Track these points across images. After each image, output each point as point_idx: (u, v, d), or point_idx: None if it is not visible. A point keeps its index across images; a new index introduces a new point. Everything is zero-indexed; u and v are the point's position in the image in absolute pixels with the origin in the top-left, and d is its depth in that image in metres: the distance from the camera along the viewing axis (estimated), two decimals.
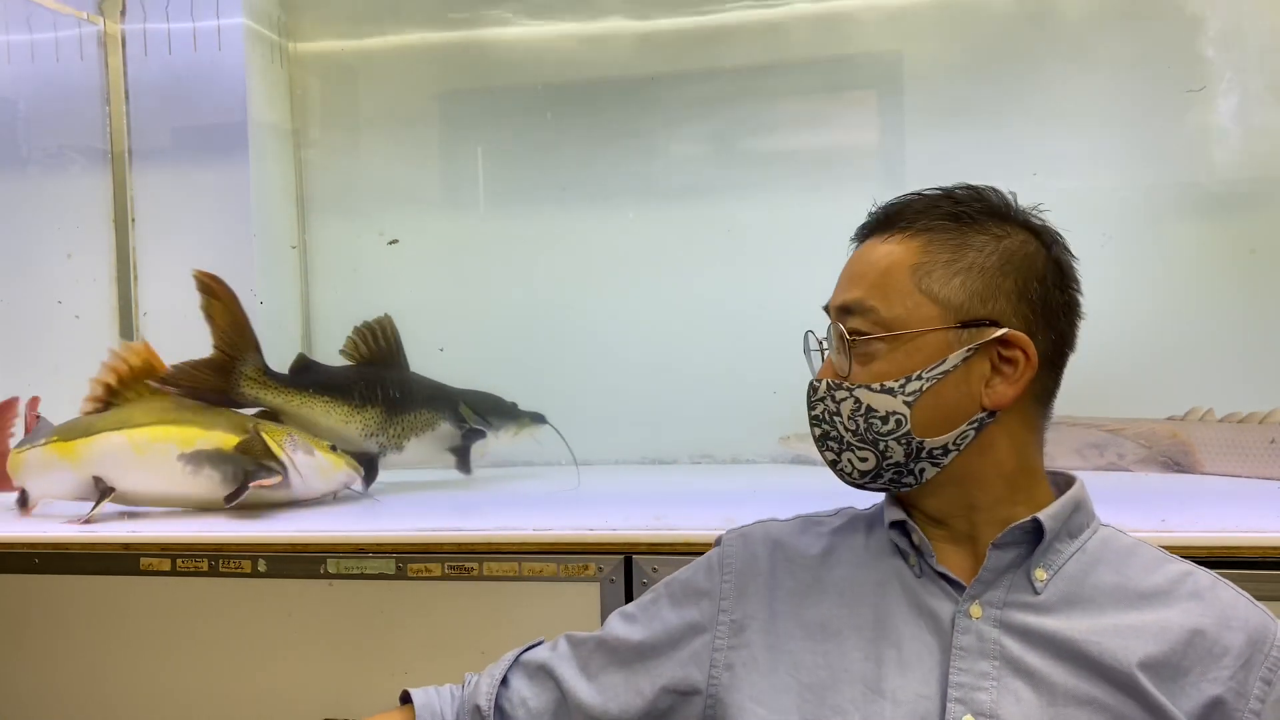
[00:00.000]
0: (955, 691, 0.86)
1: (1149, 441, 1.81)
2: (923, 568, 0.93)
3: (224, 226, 2.11)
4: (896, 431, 0.90)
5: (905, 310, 0.90)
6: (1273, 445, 1.73)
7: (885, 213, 0.95)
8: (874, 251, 0.93)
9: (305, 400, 1.78)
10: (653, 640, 1.00)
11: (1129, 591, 0.89)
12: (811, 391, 0.96)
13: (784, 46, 2.11)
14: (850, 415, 0.92)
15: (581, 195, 2.19)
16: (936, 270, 0.90)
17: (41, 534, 1.48)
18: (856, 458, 0.93)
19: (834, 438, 0.94)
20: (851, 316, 0.92)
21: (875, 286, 0.91)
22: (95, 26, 2.15)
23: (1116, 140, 1.97)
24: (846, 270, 0.96)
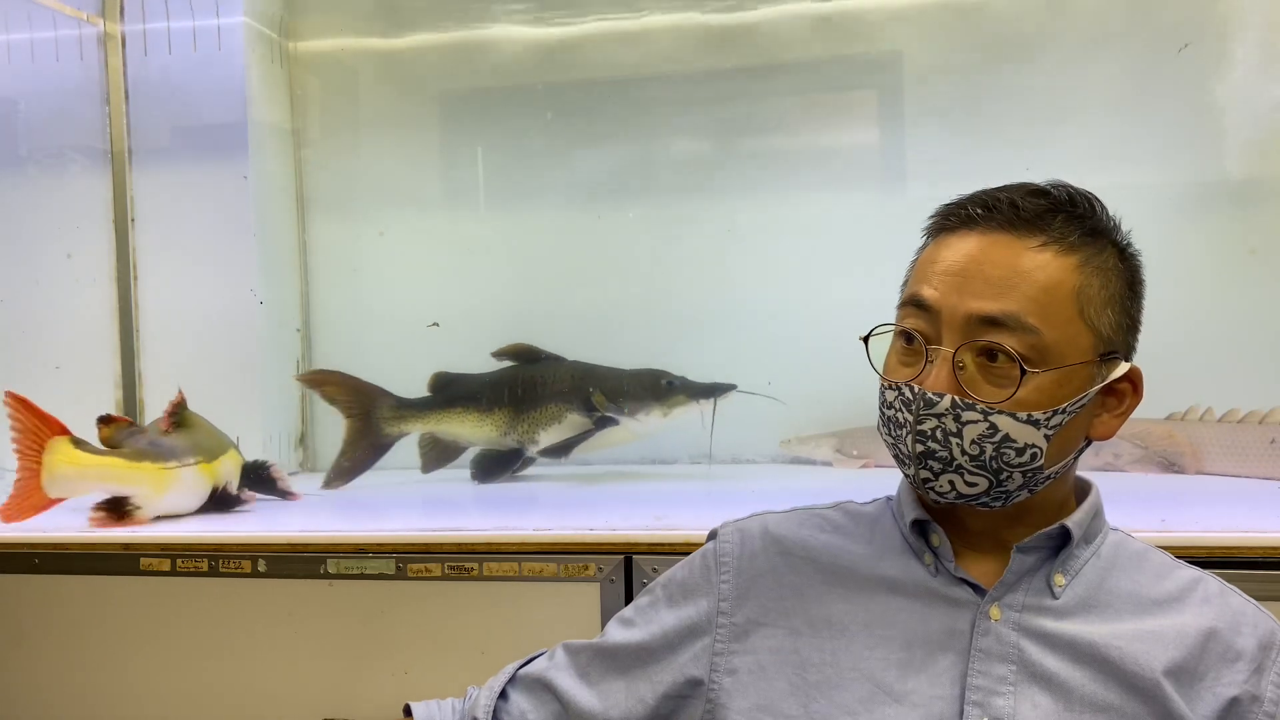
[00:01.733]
0: (973, 694, 0.85)
1: (1146, 442, 1.81)
2: (939, 567, 0.91)
3: (224, 226, 2.10)
4: (1029, 465, 0.85)
5: (1066, 338, 0.83)
6: (1273, 445, 1.73)
7: (1019, 210, 0.85)
8: (1021, 259, 0.84)
9: (443, 416, 1.95)
10: (651, 644, 0.98)
11: (1143, 598, 0.88)
12: (921, 403, 0.85)
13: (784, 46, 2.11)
14: (976, 440, 0.84)
15: (581, 195, 2.19)
16: (1094, 297, 0.85)
17: (41, 534, 1.48)
18: (964, 481, 0.86)
19: (940, 458, 0.85)
20: (1000, 330, 0.83)
21: (1035, 303, 0.83)
22: (95, 28, 2.15)
23: (1117, 140, 1.98)
24: (974, 269, 0.84)
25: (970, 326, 0.83)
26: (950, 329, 0.84)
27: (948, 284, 0.85)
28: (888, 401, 0.89)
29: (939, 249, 0.88)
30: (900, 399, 0.87)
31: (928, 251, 0.90)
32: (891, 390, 0.88)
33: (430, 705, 1.04)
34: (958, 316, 0.84)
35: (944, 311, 0.85)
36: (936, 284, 0.86)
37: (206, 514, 1.63)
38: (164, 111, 2.12)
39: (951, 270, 0.85)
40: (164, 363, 2.14)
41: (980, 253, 0.85)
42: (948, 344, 0.84)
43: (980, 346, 0.83)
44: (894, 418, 0.88)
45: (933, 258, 0.88)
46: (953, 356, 0.84)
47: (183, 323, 2.13)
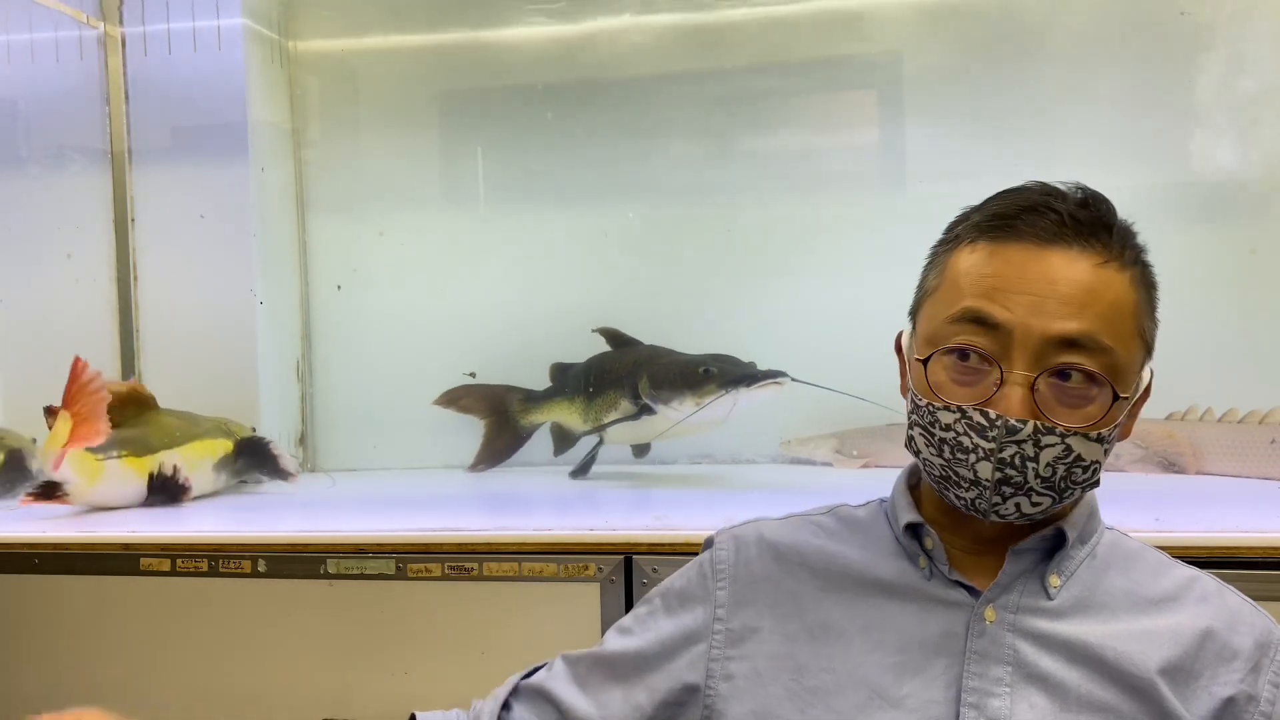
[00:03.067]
0: (969, 696, 0.84)
1: (1146, 442, 1.81)
2: (933, 570, 0.91)
3: (224, 226, 2.10)
4: (1090, 479, 0.85)
5: (1129, 354, 0.83)
6: (1273, 445, 1.73)
7: (1078, 223, 0.83)
8: (1090, 277, 0.82)
9: (555, 405, 2.02)
10: (648, 652, 0.97)
11: (1139, 597, 0.88)
12: (1002, 430, 0.81)
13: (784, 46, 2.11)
14: (1050, 463, 0.82)
15: (581, 195, 2.19)
16: (1145, 311, 0.85)
17: (41, 534, 1.48)
18: (1030, 502, 0.84)
19: (1015, 483, 0.83)
20: (1077, 352, 0.81)
21: (1107, 322, 0.82)
22: (95, 29, 2.15)
23: (1117, 139, 1.98)
24: (1045, 286, 0.81)
25: (1048, 348, 0.81)
26: (1024, 349, 0.81)
27: (1018, 302, 0.81)
28: (944, 424, 0.84)
29: (992, 261, 0.84)
30: (968, 423, 0.83)
31: (970, 261, 0.86)
32: (951, 413, 0.84)
33: (435, 716, 1.02)
34: (1034, 337, 0.81)
35: (1017, 331, 0.81)
36: (1003, 300, 0.82)
37: (151, 505, 1.68)
38: (164, 111, 2.12)
39: (1017, 286, 0.82)
40: (164, 363, 2.14)
41: (1046, 269, 0.82)
42: (1022, 365, 0.81)
43: (1058, 368, 0.81)
44: (956, 442, 0.84)
45: (983, 269, 0.84)
46: (1033, 382, 0.81)
47: (183, 323, 2.13)
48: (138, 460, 1.68)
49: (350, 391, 2.26)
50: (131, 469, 1.67)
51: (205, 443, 1.79)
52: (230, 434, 1.85)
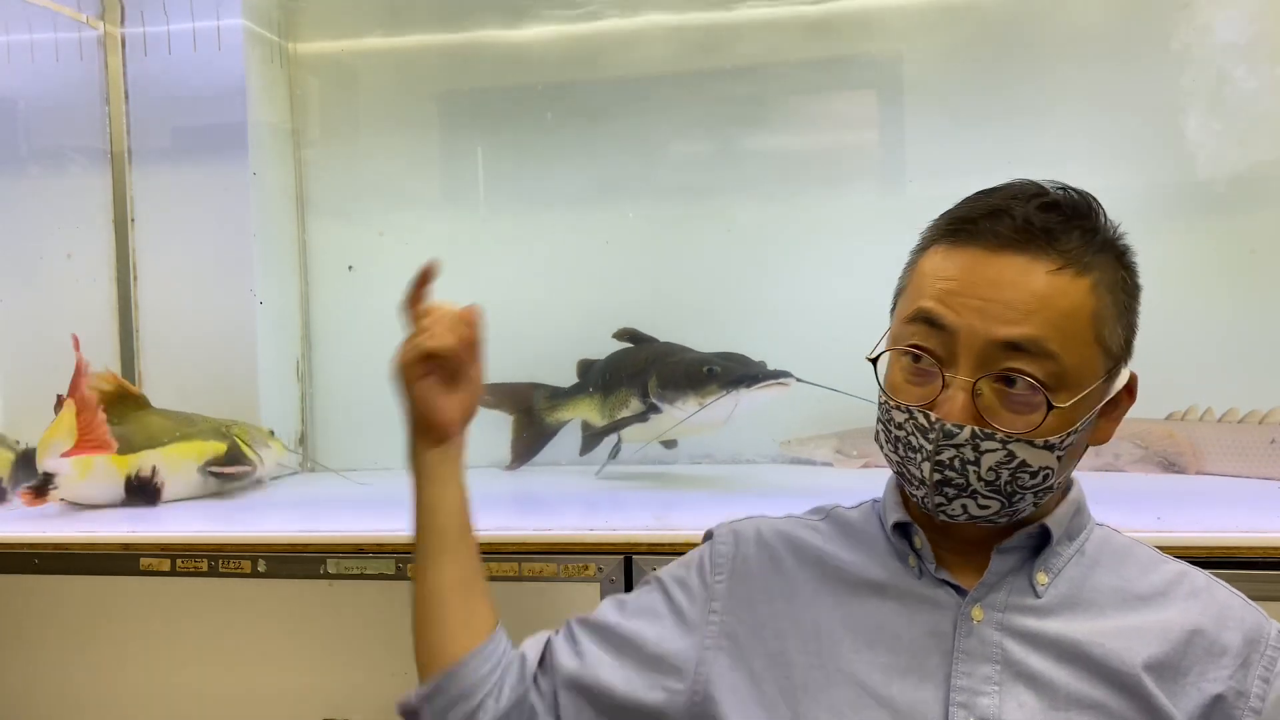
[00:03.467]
0: (958, 695, 0.85)
1: (1145, 442, 1.81)
2: (922, 570, 0.91)
3: (224, 226, 2.10)
4: (1041, 485, 0.85)
5: (1082, 361, 0.82)
6: (1273, 445, 1.73)
7: (1032, 226, 0.82)
8: (1040, 283, 0.81)
9: (581, 401, 2.01)
10: (643, 638, 0.98)
11: (1128, 593, 0.88)
12: (940, 434, 0.83)
13: (784, 46, 2.11)
14: (993, 467, 0.83)
15: (581, 195, 2.19)
16: (1107, 317, 0.84)
17: (41, 534, 1.48)
18: (977, 505, 0.85)
19: (956, 485, 0.84)
20: (1021, 356, 0.81)
21: (1056, 329, 0.81)
22: (95, 30, 2.15)
23: (1117, 139, 1.98)
24: (991, 290, 0.81)
25: (990, 351, 0.81)
26: (968, 353, 0.82)
27: (967, 306, 0.82)
28: (897, 422, 0.87)
29: (946, 262, 0.85)
30: (914, 424, 0.85)
31: (932, 262, 0.87)
32: (901, 412, 0.86)
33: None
34: (977, 341, 0.82)
35: (962, 333, 0.82)
36: (952, 304, 0.83)
37: (128, 506, 1.69)
38: (164, 112, 2.12)
39: (968, 290, 0.82)
40: (164, 363, 2.14)
41: (998, 274, 0.82)
42: (965, 370, 0.82)
43: (1001, 373, 0.81)
44: (906, 440, 0.86)
45: (941, 272, 0.85)
46: (973, 385, 0.82)
47: (183, 323, 2.13)
48: (120, 459, 1.69)
49: (350, 391, 2.26)
50: (114, 467, 1.69)
51: (194, 444, 1.79)
52: (225, 436, 1.85)
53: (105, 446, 1.64)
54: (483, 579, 1.04)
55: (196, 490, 1.80)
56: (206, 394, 2.04)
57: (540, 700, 1.00)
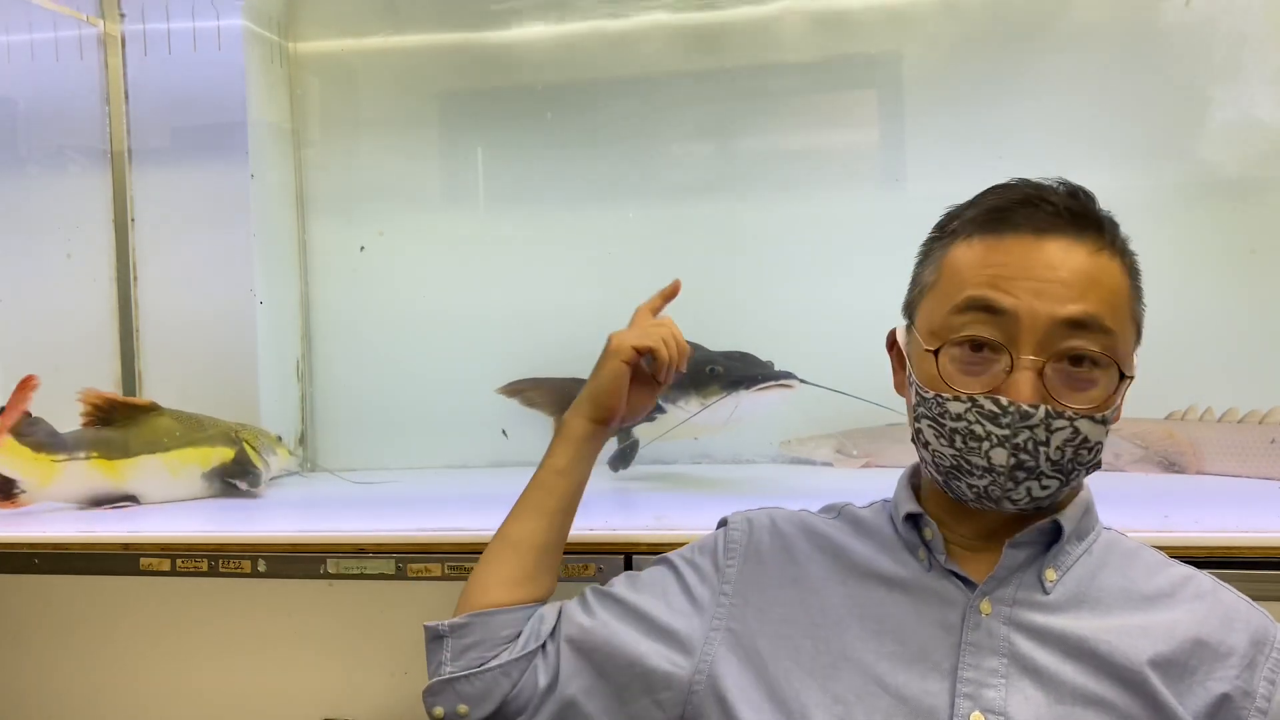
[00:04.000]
0: (964, 687, 0.86)
1: (1145, 441, 1.81)
2: (932, 562, 0.92)
3: (224, 226, 2.10)
4: (1092, 460, 0.88)
5: (1127, 337, 0.87)
6: (1273, 445, 1.73)
7: (1072, 213, 0.86)
8: (1089, 263, 0.85)
9: None
10: (652, 612, 1.01)
11: (1134, 593, 0.89)
12: (1016, 415, 0.84)
13: (784, 46, 2.11)
14: (1060, 446, 0.85)
15: (581, 195, 2.19)
16: (1137, 298, 0.89)
17: (41, 534, 1.48)
18: (1039, 485, 0.86)
19: (1029, 467, 0.85)
20: (1084, 334, 0.84)
21: (1109, 306, 0.85)
22: (95, 29, 2.15)
23: (1117, 137, 1.98)
24: (1046, 271, 0.84)
25: (1055, 332, 0.83)
26: (1031, 334, 0.83)
27: (1024, 288, 0.84)
28: (954, 414, 0.86)
29: (993, 252, 0.86)
30: (980, 412, 0.85)
31: (970, 254, 0.88)
32: (961, 403, 0.86)
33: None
34: (1040, 322, 0.83)
35: (1024, 317, 0.84)
36: (1008, 288, 0.84)
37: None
38: (164, 111, 2.12)
39: (1022, 274, 0.84)
40: (164, 363, 2.14)
41: (1052, 256, 0.84)
42: (1029, 351, 0.83)
43: (1066, 351, 0.84)
44: (968, 431, 0.86)
45: (988, 260, 0.86)
46: (1043, 366, 0.83)
47: (183, 323, 2.13)
48: (108, 463, 1.69)
49: (350, 391, 2.26)
50: (99, 471, 1.69)
51: (199, 450, 1.79)
52: (234, 442, 1.85)
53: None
54: (559, 555, 1.11)
55: (197, 494, 1.80)
56: (207, 394, 2.04)
57: (543, 659, 1.03)
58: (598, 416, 1.12)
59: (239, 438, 1.87)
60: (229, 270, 2.10)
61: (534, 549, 1.08)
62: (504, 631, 1.04)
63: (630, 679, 0.99)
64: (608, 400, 1.10)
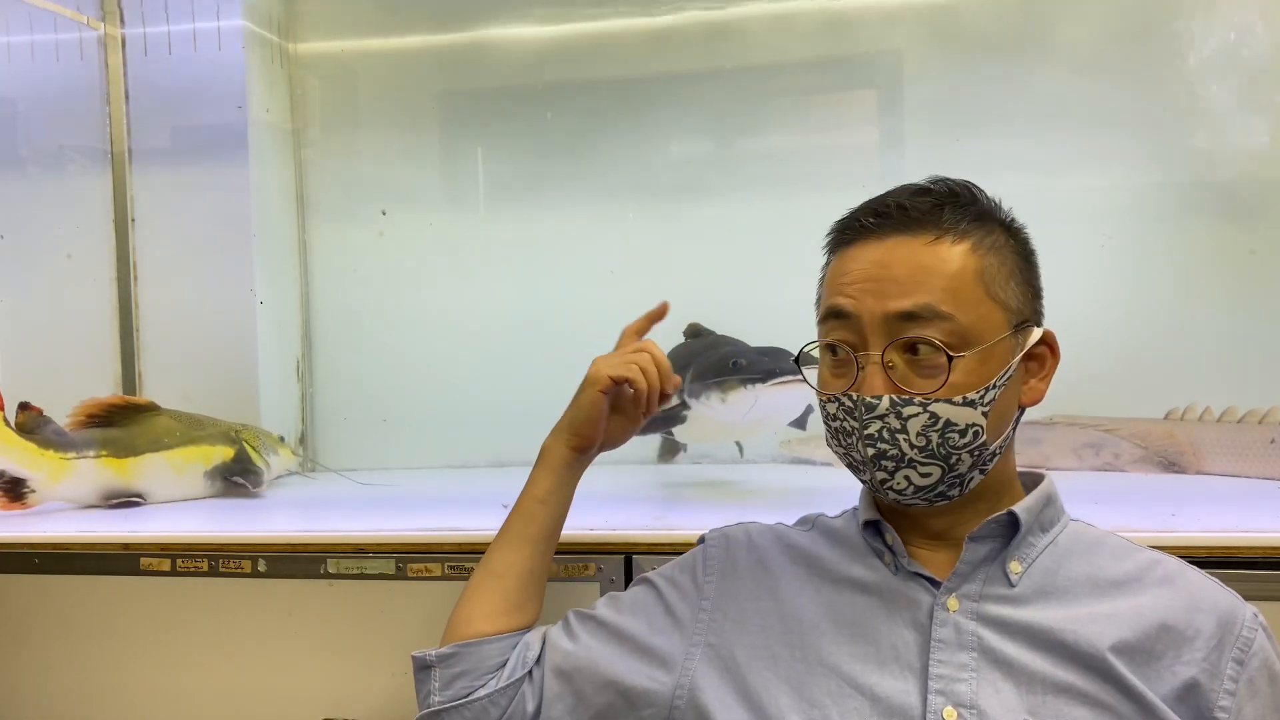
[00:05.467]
0: (935, 684, 0.87)
1: (1145, 441, 1.81)
2: (898, 565, 0.95)
3: (224, 226, 2.11)
4: (974, 443, 0.89)
5: (979, 318, 0.89)
6: (1273, 445, 1.73)
7: (907, 212, 0.90)
8: (922, 255, 0.89)
9: None
10: (636, 636, 1.03)
11: (1100, 580, 0.91)
12: (863, 408, 0.89)
13: (784, 46, 2.11)
14: (920, 431, 0.88)
15: (581, 195, 2.19)
16: (997, 275, 0.90)
17: (41, 534, 1.48)
18: (918, 474, 0.90)
19: (892, 456, 0.89)
20: (918, 324, 0.87)
21: (944, 292, 0.88)
22: (96, 31, 2.15)
23: (1117, 140, 1.98)
24: (881, 272, 0.89)
25: (891, 326, 0.88)
26: (873, 332, 0.89)
27: (861, 290, 0.90)
28: (831, 414, 0.93)
29: (843, 262, 0.93)
30: (841, 409, 0.91)
31: (833, 266, 0.95)
32: (831, 403, 0.92)
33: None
34: (877, 319, 0.89)
35: (863, 316, 0.89)
36: (850, 292, 0.90)
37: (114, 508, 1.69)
38: (164, 111, 2.13)
39: (861, 277, 0.90)
40: (164, 363, 2.14)
41: (884, 256, 0.90)
42: (874, 347, 0.89)
43: (905, 342, 0.88)
44: (840, 428, 0.92)
45: (840, 270, 0.93)
46: (881, 357, 0.88)
47: (183, 323, 2.13)
48: (117, 461, 1.70)
49: (350, 391, 2.26)
50: (108, 469, 1.69)
51: (201, 449, 1.80)
52: (234, 441, 1.86)
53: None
54: (543, 582, 1.12)
55: (200, 493, 1.80)
56: (207, 394, 2.05)
57: (529, 686, 1.05)
58: (576, 444, 1.13)
59: (239, 437, 1.87)
60: (229, 270, 2.10)
61: (518, 578, 1.10)
62: (490, 661, 1.06)
63: (612, 698, 1.01)
64: (586, 429, 1.12)
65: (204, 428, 1.84)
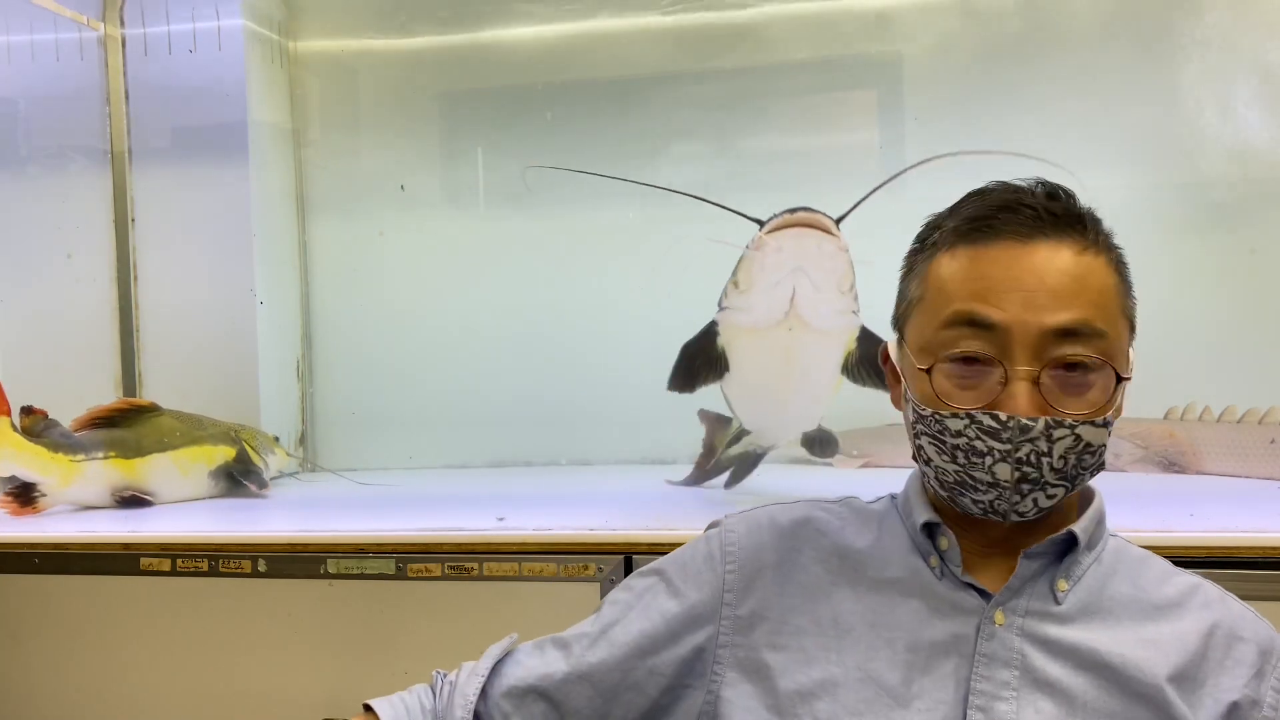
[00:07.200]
0: (977, 700, 0.84)
1: (1145, 441, 1.81)
2: (944, 570, 0.90)
3: (224, 226, 2.11)
4: (1096, 464, 0.85)
5: (1120, 335, 0.85)
6: (1273, 445, 1.73)
7: (1053, 215, 0.84)
8: (1074, 265, 0.83)
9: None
10: (651, 633, 0.94)
11: (1145, 603, 0.88)
12: (1017, 430, 0.81)
13: (784, 47, 2.11)
14: (1063, 454, 0.82)
15: (581, 195, 2.19)
16: (1126, 293, 0.86)
17: (41, 534, 1.48)
18: (1045, 495, 0.84)
19: (1032, 479, 0.83)
20: (1076, 340, 0.82)
21: (1098, 308, 0.83)
22: (96, 31, 2.15)
23: (1117, 140, 1.98)
24: (1033, 280, 0.82)
25: (1045, 341, 0.82)
26: (1023, 345, 0.82)
27: (1011, 300, 0.82)
28: (954, 430, 0.84)
29: (977, 263, 0.85)
30: (979, 428, 0.83)
31: (954, 265, 0.86)
32: (960, 419, 0.84)
33: (394, 703, 0.98)
34: (1031, 332, 0.81)
35: (1014, 329, 0.82)
36: (995, 300, 0.82)
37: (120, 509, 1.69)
38: (164, 112, 2.13)
39: (1008, 284, 0.82)
40: (164, 363, 2.14)
41: (1032, 263, 0.83)
42: (1024, 361, 0.82)
43: (1063, 359, 0.82)
44: (969, 447, 0.84)
45: (973, 273, 0.85)
46: (1037, 377, 0.82)
47: (183, 323, 2.13)
48: (125, 462, 1.70)
49: (350, 391, 2.26)
50: (117, 470, 1.70)
51: (204, 448, 1.80)
52: (236, 441, 1.86)
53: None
54: None
55: (204, 493, 1.81)
56: (207, 394, 2.05)
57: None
58: None
59: (238, 436, 1.87)
60: (229, 270, 2.10)
61: None
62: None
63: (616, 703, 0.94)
64: None
65: (204, 427, 1.84)
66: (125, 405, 1.78)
